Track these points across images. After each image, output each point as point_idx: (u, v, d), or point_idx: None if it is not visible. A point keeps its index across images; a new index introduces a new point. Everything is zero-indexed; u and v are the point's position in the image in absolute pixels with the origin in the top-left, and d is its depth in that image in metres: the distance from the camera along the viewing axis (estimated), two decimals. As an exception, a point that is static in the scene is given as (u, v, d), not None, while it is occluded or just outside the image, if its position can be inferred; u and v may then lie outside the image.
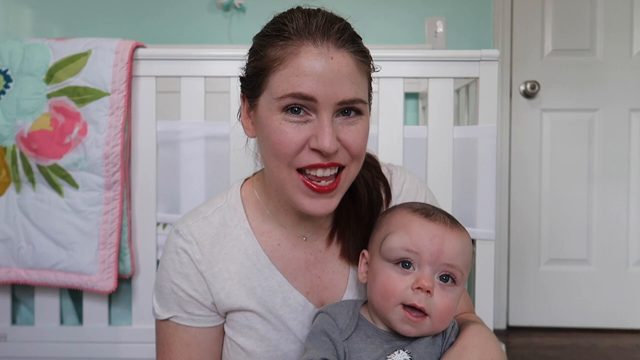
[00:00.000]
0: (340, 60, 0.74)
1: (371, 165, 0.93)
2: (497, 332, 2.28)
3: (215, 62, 1.48)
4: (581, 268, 2.44)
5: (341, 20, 0.79)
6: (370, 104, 0.84)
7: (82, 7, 2.48)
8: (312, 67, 0.73)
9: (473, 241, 1.54)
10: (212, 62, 1.48)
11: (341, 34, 0.76)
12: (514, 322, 2.46)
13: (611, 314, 2.42)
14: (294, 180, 0.78)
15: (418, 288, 0.74)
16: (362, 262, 0.83)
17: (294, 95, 0.73)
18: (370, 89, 0.83)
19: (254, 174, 0.92)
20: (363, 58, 0.78)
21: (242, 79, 0.84)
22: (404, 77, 1.48)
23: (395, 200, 0.91)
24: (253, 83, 0.79)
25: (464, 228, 0.81)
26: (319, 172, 0.77)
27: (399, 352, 0.76)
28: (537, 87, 2.40)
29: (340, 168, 0.79)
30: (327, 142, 0.74)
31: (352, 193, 0.87)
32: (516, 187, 2.45)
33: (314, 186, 0.77)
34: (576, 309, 2.43)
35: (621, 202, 2.42)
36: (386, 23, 2.46)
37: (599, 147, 2.42)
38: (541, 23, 2.43)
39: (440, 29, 2.46)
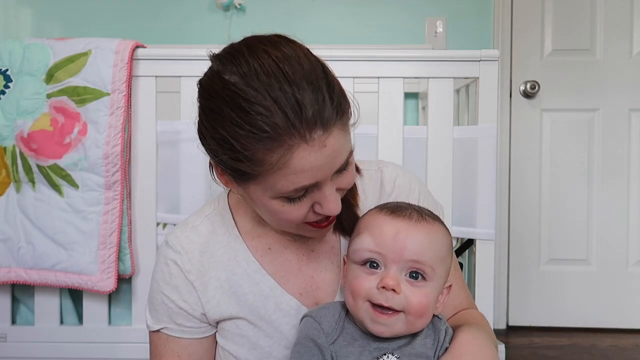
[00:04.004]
0: (333, 142, 0.68)
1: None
2: (497, 332, 2.28)
3: (215, 62, 1.48)
4: (581, 268, 2.44)
5: (314, 81, 0.68)
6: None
7: (82, 7, 2.48)
8: (309, 163, 0.68)
9: (472, 241, 1.54)
10: (212, 62, 1.48)
11: (324, 114, 0.67)
12: (514, 322, 2.46)
13: (611, 314, 2.42)
14: (300, 229, 0.78)
15: (382, 287, 0.72)
16: (343, 266, 0.82)
17: (296, 190, 0.70)
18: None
19: None
20: (346, 115, 0.71)
21: (209, 149, 0.73)
22: (404, 77, 1.48)
23: (387, 199, 0.89)
24: (236, 173, 0.72)
25: (435, 221, 0.77)
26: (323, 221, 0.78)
27: (387, 356, 0.74)
28: (537, 87, 2.40)
29: None
30: (334, 210, 0.73)
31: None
32: (516, 187, 2.45)
33: (321, 226, 0.78)
34: (576, 309, 2.43)
35: (621, 202, 2.42)
36: (386, 23, 2.46)
37: (598, 147, 2.42)
38: (541, 23, 2.43)
39: (440, 29, 2.46)
